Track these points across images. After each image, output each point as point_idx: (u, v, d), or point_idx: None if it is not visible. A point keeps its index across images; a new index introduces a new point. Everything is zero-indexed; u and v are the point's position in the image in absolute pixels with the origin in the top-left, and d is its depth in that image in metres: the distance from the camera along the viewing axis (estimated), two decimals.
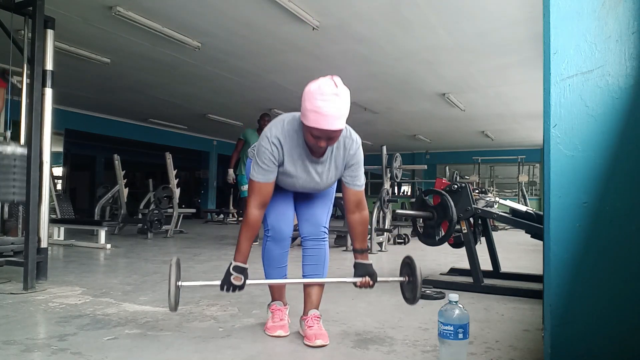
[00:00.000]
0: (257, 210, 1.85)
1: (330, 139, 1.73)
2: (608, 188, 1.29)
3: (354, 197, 1.94)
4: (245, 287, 1.84)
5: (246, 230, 1.86)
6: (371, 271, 1.92)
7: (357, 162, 1.91)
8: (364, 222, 1.97)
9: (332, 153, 1.87)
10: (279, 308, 2.10)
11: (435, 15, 4.83)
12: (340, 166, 1.90)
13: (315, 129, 1.68)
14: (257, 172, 1.83)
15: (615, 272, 1.28)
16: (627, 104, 1.28)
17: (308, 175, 1.88)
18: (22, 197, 3.04)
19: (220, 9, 4.74)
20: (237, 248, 1.86)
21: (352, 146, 1.88)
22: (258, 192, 1.84)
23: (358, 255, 1.98)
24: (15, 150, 3.10)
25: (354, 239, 1.99)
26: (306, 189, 1.94)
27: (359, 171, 1.92)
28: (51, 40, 3.25)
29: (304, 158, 1.85)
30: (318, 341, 1.87)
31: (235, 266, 1.84)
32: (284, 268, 2.08)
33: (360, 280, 1.91)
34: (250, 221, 1.85)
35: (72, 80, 7.61)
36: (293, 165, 1.85)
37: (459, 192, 3.16)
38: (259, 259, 2.10)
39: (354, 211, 1.95)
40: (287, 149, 1.82)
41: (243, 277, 1.83)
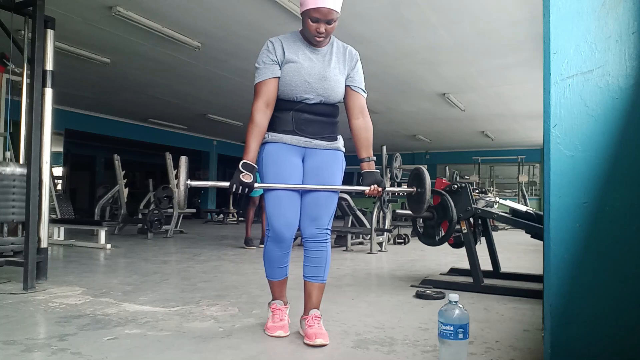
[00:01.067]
0: (263, 107, 1.89)
1: (328, 24, 1.82)
2: (608, 188, 1.29)
3: (358, 101, 2.01)
4: (254, 186, 1.86)
5: (253, 128, 1.89)
6: (379, 179, 1.95)
7: (358, 68, 2.03)
8: (368, 128, 2.01)
9: (332, 48, 1.98)
10: (279, 307, 2.09)
11: (435, 15, 4.83)
12: (342, 63, 1.98)
13: (314, 10, 1.78)
14: (258, 74, 1.91)
15: (615, 272, 1.28)
16: (627, 104, 1.28)
17: (311, 61, 1.93)
18: (22, 217, 3.08)
19: (220, 9, 4.74)
20: (246, 146, 1.89)
21: (351, 50, 2.03)
22: (260, 90, 1.90)
23: (365, 165, 2.01)
24: (14, 171, 3.12)
25: (359, 147, 2.01)
26: (313, 76, 1.92)
27: (361, 77, 2.04)
28: (51, 40, 3.25)
29: (303, 48, 1.94)
30: (318, 340, 1.87)
31: (244, 163, 1.86)
32: (285, 268, 2.07)
33: (369, 189, 1.94)
34: (256, 118, 1.89)
35: (72, 80, 7.62)
36: (294, 54, 1.92)
37: (459, 192, 3.16)
38: (259, 258, 2.10)
39: (357, 116, 2.00)
40: (286, 43, 1.93)
41: (252, 175, 1.86)
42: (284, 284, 2.13)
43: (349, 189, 2.12)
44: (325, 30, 1.84)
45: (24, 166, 3.16)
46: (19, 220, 3.16)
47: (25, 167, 3.06)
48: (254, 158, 1.90)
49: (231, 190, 1.84)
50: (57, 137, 9.47)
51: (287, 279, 2.12)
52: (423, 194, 1.96)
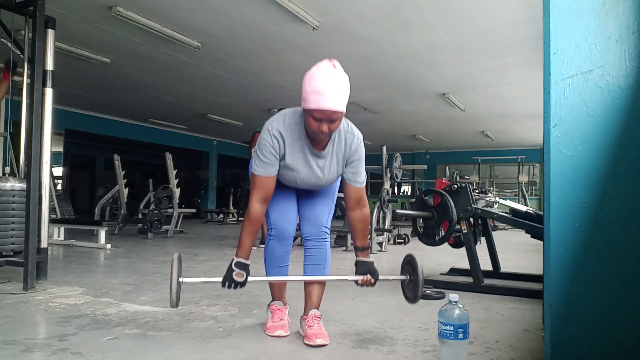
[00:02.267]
0: (259, 204, 1.84)
1: (331, 122, 1.71)
2: (608, 188, 1.29)
3: (354, 194, 1.93)
4: (247, 284, 1.83)
5: (248, 226, 1.85)
6: (372, 269, 1.91)
7: (358, 157, 1.90)
8: (364, 220, 1.96)
9: (333, 147, 1.86)
10: (279, 308, 2.09)
11: (435, 15, 4.83)
12: (341, 161, 1.89)
13: (317, 111, 1.67)
14: (259, 166, 1.83)
15: (615, 272, 1.28)
16: (627, 104, 1.28)
17: (309, 169, 1.87)
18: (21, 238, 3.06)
19: (220, 9, 4.74)
20: (239, 244, 1.85)
21: (353, 141, 1.88)
22: (260, 186, 1.83)
23: (359, 253, 1.96)
24: (14, 186, 3.11)
25: (354, 237, 1.98)
26: (307, 184, 1.93)
27: (360, 167, 1.91)
28: (52, 40, 3.25)
29: (305, 151, 1.85)
30: (318, 340, 1.87)
31: (237, 262, 1.83)
32: (285, 267, 2.06)
33: (361, 278, 1.89)
34: (252, 216, 1.84)
35: (72, 80, 7.62)
36: (294, 159, 1.84)
37: (459, 192, 3.16)
38: (260, 259, 2.10)
39: (354, 208, 1.94)
40: (288, 141, 1.82)
41: (245, 273, 1.82)
42: (283, 285, 2.14)
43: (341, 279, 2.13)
44: (328, 129, 1.73)
45: (23, 181, 3.15)
46: (18, 243, 3.13)
47: (25, 181, 3.06)
48: (247, 256, 1.85)
49: (223, 287, 1.81)
50: (57, 137, 9.47)
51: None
52: (417, 281, 1.87)
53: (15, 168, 3.94)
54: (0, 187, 3.08)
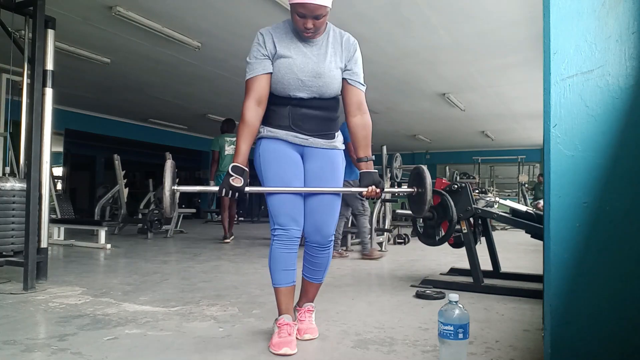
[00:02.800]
0: (254, 105, 1.81)
1: (316, 19, 1.71)
2: (608, 188, 1.29)
3: (355, 97, 1.90)
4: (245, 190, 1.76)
5: (243, 128, 1.80)
6: (377, 179, 1.86)
7: (357, 59, 1.90)
8: (366, 126, 1.90)
9: (327, 39, 1.86)
10: (287, 322, 1.86)
11: (435, 15, 4.83)
12: (338, 55, 1.86)
13: (299, 5, 1.67)
14: (248, 70, 1.82)
15: (615, 271, 1.28)
16: (627, 104, 1.28)
17: (304, 56, 1.83)
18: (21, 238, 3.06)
19: (220, 9, 4.74)
20: (236, 148, 1.81)
21: (349, 40, 1.89)
22: (251, 87, 1.81)
23: (363, 165, 1.90)
24: (14, 186, 3.11)
25: (357, 146, 1.91)
26: (307, 74, 1.82)
27: (360, 69, 1.91)
28: (52, 40, 3.25)
29: (296, 42, 1.84)
30: (306, 335, 1.93)
31: (235, 166, 1.77)
32: (291, 272, 1.90)
33: (366, 190, 1.85)
34: (247, 117, 1.80)
35: (72, 80, 7.62)
36: (286, 48, 1.82)
37: (459, 192, 3.16)
38: (259, 258, 2.09)
39: (355, 114, 1.90)
40: (277, 35, 1.84)
41: (242, 178, 1.76)
42: (290, 294, 1.91)
43: (345, 191, 2.02)
44: (313, 25, 1.73)
45: (23, 181, 3.15)
46: (18, 243, 3.13)
47: (25, 181, 3.06)
48: (244, 161, 1.80)
49: (221, 194, 1.74)
50: (57, 137, 9.47)
51: (294, 289, 1.93)
52: (424, 194, 1.84)
53: (15, 168, 3.94)
54: (0, 187, 3.08)
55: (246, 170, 1.80)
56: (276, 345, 1.78)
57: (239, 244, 6.15)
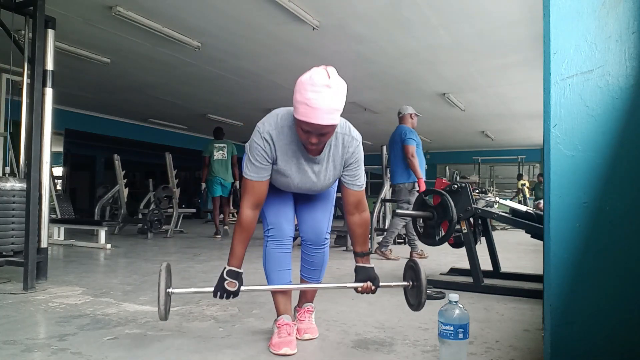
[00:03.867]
0: (251, 210, 1.75)
1: (321, 135, 1.60)
2: (608, 188, 1.29)
3: (353, 197, 1.83)
4: (240, 294, 1.74)
5: (240, 232, 1.75)
6: (373, 275, 1.82)
7: (356, 160, 1.79)
8: (364, 224, 1.86)
9: (329, 151, 1.75)
10: (287, 322, 1.87)
11: (435, 15, 4.83)
12: (338, 165, 1.79)
13: (305, 123, 1.56)
14: (250, 170, 1.72)
15: (615, 272, 1.28)
16: (627, 104, 1.28)
17: (303, 175, 1.77)
18: (21, 238, 3.06)
19: (220, 9, 4.74)
20: (231, 252, 1.76)
21: (351, 144, 1.76)
22: (251, 191, 1.74)
23: (359, 259, 1.86)
24: (14, 186, 3.11)
25: (354, 242, 1.88)
26: (302, 189, 1.83)
27: (358, 170, 1.81)
28: (52, 40, 3.25)
29: (298, 156, 1.74)
30: (306, 335, 1.93)
31: (229, 271, 1.73)
32: (287, 272, 1.90)
33: (361, 285, 1.81)
34: (244, 222, 1.74)
35: (72, 80, 7.61)
36: (287, 164, 1.74)
37: (459, 192, 3.15)
38: (259, 258, 2.09)
39: (353, 213, 1.84)
40: (280, 145, 1.71)
41: (237, 282, 1.72)
42: (288, 294, 1.95)
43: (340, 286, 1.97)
44: (318, 140, 1.62)
45: (23, 181, 3.15)
46: (18, 243, 3.13)
47: (25, 181, 3.06)
48: (239, 265, 1.75)
49: (215, 296, 1.71)
50: (57, 137, 9.46)
51: None
52: (420, 287, 1.76)
53: (15, 168, 3.94)
54: (0, 187, 3.08)
55: (240, 272, 1.76)
56: (276, 345, 1.78)
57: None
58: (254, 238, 6.19)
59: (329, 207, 1.99)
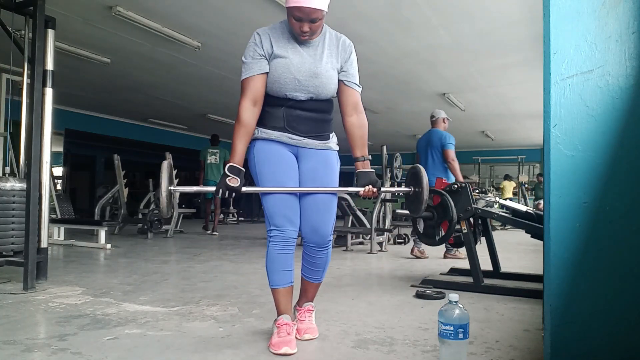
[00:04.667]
0: (250, 105, 1.81)
1: (312, 22, 1.72)
2: (608, 188, 1.29)
3: (351, 97, 1.91)
4: (242, 190, 1.76)
5: (239, 128, 1.80)
6: (374, 179, 1.86)
7: (352, 60, 1.91)
8: (362, 126, 1.92)
9: (324, 40, 1.87)
10: (287, 322, 1.86)
11: (435, 15, 4.83)
12: (334, 56, 1.87)
13: (296, 9, 1.68)
14: (244, 70, 1.82)
15: (615, 271, 1.28)
16: (627, 104, 1.28)
17: (300, 56, 1.83)
18: (21, 238, 3.06)
19: (220, 9, 4.75)
20: (232, 149, 1.81)
21: (345, 41, 1.90)
22: (247, 87, 1.81)
23: (359, 164, 1.91)
24: (14, 186, 3.11)
25: (353, 145, 1.91)
26: (303, 73, 1.82)
27: (355, 71, 1.92)
28: (52, 40, 3.25)
29: (293, 42, 1.84)
30: (306, 335, 1.93)
31: (231, 167, 1.77)
32: (289, 273, 1.89)
33: (363, 190, 1.84)
34: (242, 117, 1.80)
35: (72, 80, 7.62)
36: (283, 49, 1.82)
37: (459, 192, 3.16)
38: (259, 258, 2.09)
39: (351, 114, 1.91)
40: (274, 35, 1.83)
41: (239, 178, 1.76)
42: (289, 294, 1.91)
43: (342, 190, 2.01)
44: (309, 29, 1.74)
45: (23, 181, 3.15)
46: (18, 243, 3.13)
47: (25, 181, 3.06)
48: (241, 161, 1.80)
49: (217, 194, 1.74)
50: (57, 137, 9.47)
51: (292, 289, 1.92)
52: (421, 193, 1.84)
53: (15, 168, 3.94)
54: (0, 187, 3.09)
55: (242, 170, 1.80)
56: (276, 345, 1.77)
57: (239, 244, 6.15)
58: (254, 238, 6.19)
59: (333, 209, 1.96)
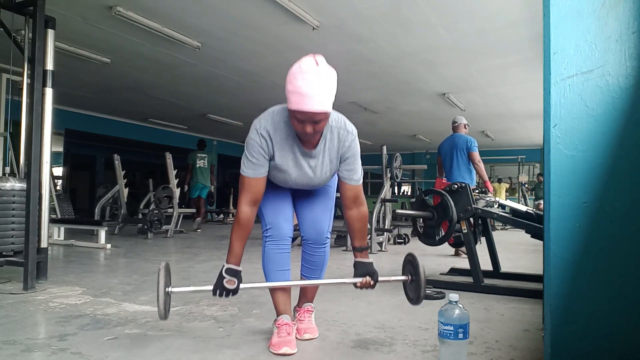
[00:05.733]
0: (249, 207, 1.75)
1: (315, 123, 1.62)
2: (608, 188, 1.29)
3: (351, 192, 1.83)
4: (239, 291, 1.75)
5: (238, 230, 1.76)
6: (372, 270, 1.83)
7: (352, 154, 1.80)
8: (362, 219, 1.87)
9: (325, 145, 1.77)
10: (286, 322, 1.87)
11: (435, 15, 4.83)
12: (335, 160, 1.80)
13: (299, 112, 1.58)
14: (247, 167, 1.74)
15: (615, 271, 1.28)
16: (627, 104, 1.28)
17: (300, 169, 1.79)
18: (21, 238, 3.06)
19: (220, 9, 4.74)
20: (229, 249, 1.76)
21: (347, 138, 1.77)
22: (249, 188, 1.75)
23: (358, 254, 1.88)
24: (14, 186, 3.11)
25: (352, 237, 1.88)
26: (299, 185, 1.84)
27: (355, 164, 1.82)
28: (52, 40, 3.25)
29: (295, 151, 1.76)
30: (306, 335, 1.93)
31: (228, 269, 1.74)
32: (286, 272, 1.89)
33: (360, 280, 1.82)
34: (242, 219, 1.75)
35: (72, 80, 7.61)
36: (284, 159, 1.76)
37: (459, 192, 3.16)
38: (258, 259, 2.09)
39: (351, 207, 1.85)
40: (276, 140, 1.73)
41: (236, 280, 1.73)
42: (287, 294, 1.93)
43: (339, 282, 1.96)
44: (312, 130, 1.63)
45: (23, 181, 3.15)
46: (18, 243, 3.13)
47: (25, 181, 3.06)
48: (238, 262, 1.76)
49: (215, 295, 1.72)
50: (57, 137, 9.46)
51: (290, 289, 1.95)
52: (418, 281, 1.77)
53: (15, 168, 3.94)
54: (0, 187, 3.08)
55: (239, 270, 1.76)
56: (276, 345, 1.77)
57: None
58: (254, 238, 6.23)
59: (329, 206, 1.99)
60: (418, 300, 1.80)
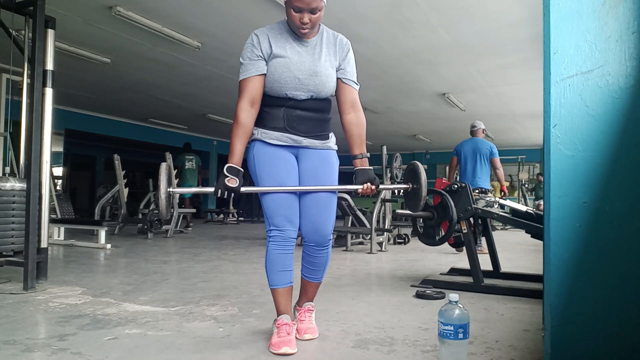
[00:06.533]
0: (248, 106, 1.81)
1: (312, 13, 1.73)
2: (608, 188, 1.29)
3: (350, 95, 1.92)
4: (240, 191, 1.78)
5: (237, 129, 1.81)
6: (372, 176, 1.88)
7: (350, 58, 1.93)
8: (360, 123, 1.93)
9: (322, 39, 1.89)
10: (286, 322, 1.85)
11: (435, 15, 4.83)
12: (332, 54, 1.89)
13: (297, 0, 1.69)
14: (242, 71, 1.84)
15: (615, 271, 1.28)
16: (627, 104, 1.28)
17: (299, 55, 1.84)
18: (21, 238, 3.06)
19: (220, 9, 4.74)
20: (230, 149, 1.81)
21: (342, 40, 1.93)
22: (245, 88, 1.82)
23: (358, 162, 1.93)
24: (14, 186, 3.11)
25: (351, 143, 1.92)
26: (304, 73, 1.83)
27: (352, 68, 1.94)
28: (52, 40, 3.25)
29: (291, 41, 1.85)
30: (306, 335, 1.94)
31: (229, 167, 1.78)
32: (288, 273, 1.88)
33: (362, 187, 1.86)
34: (241, 118, 1.80)
35: (72, 80, 7.62)
36: (282, 48, 1.83)
37: (459, 192, 3.16)
38: (260, 258, 2.09)
39: (349, 111, 1.92)
40: (272, 36, 1.84)
41: (237, 179, 1.77)
42: (288, 294, 1.90)
43: (341, 188, 1.99)
44: (309, 20, 1.74)
45: (23, 181, 3.15)
46: (18, 243, 3.13)
47: (25, 181, 3.06)
48: (239, 161, 1.80)
49: (216, 194, 1.75)
50: (57, 137, 9.47)
51: (292, 289, 1.91)
52: (419, 189, 1.85)
53: (15, 168, 3.94)
54: (0, 187, 3.08)
55: (241, 170, 1.80)
56: (276, 345, 1.77)
57: (239, 244, 6.15)
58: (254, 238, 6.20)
59: (333, 208, 1.96)
60: (417, 207, 1.88)
